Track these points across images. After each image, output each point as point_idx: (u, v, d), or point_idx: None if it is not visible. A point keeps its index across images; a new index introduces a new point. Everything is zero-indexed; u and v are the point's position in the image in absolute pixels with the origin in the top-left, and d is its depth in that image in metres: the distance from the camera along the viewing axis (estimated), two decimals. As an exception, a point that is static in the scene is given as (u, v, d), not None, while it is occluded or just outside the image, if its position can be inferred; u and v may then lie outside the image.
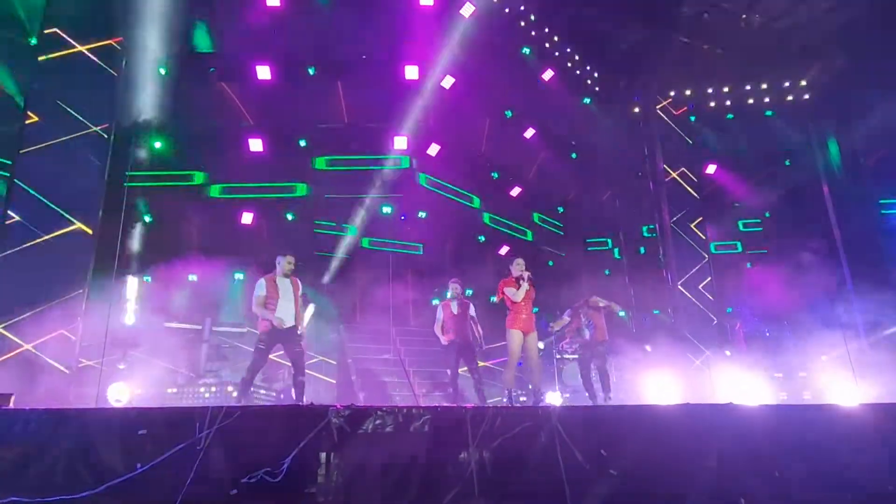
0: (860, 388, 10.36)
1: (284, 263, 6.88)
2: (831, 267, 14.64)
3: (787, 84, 16.05)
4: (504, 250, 15.29)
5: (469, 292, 14.59)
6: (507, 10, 14.11)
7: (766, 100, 16.19)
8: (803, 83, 15.98)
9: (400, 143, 13.25)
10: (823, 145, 15.74)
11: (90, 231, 9.08)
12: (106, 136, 9.56)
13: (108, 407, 7.76)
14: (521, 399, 9.64)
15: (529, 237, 15.99)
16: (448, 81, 13.14)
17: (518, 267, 7.61)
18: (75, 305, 8.64)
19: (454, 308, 8.09)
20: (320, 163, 13.45)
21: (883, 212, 14.98)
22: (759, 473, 5.38)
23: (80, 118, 9.44)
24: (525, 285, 7.49)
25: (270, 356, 11.42)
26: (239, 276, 12.63)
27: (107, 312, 8.57)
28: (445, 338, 8.00)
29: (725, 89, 16.22)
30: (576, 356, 10.07)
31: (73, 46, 9.73)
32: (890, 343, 11.53)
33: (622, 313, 15.26)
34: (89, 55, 9.79)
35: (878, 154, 15.01)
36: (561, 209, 16.97)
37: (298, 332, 6.86)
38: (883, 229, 14.79)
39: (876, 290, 13.32)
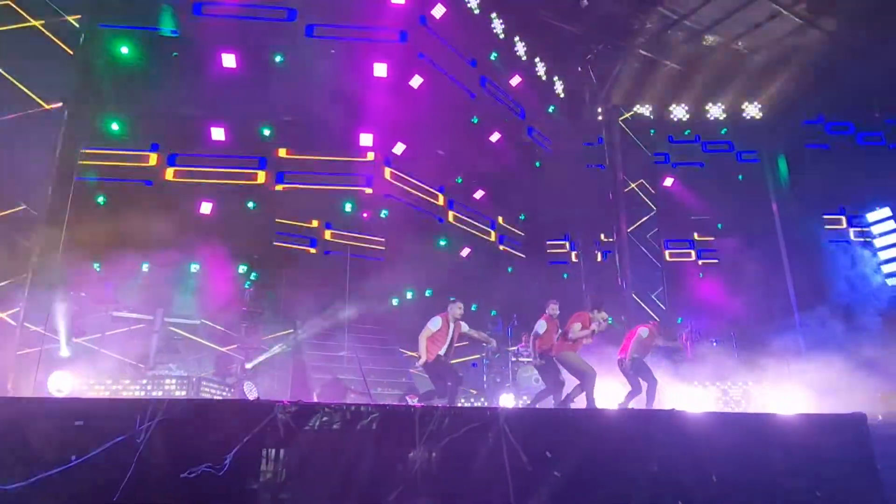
0: (797, 398, 10.82)
1: (456, 309, 7.60)
2: (777, 281, 15.26)
3: (742, 103, 16.67)
4: (465, 252, 15.38)
5: (429, 292, 14.65)
6: (476, 13, 14.23)
7: (723, 117, 16.79)
8: (757, 103, 16.62)
9: (366, 139, 13.19)
10: (773, 163, 16.40)
11: (37, 213, 8.74)
12: (59, 116, 9.22)
13: (43, 396, 7.46)
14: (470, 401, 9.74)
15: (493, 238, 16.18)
16: (416, 81, 13.15)
17: (599, 317, 8.22)
18: (18, 290, 8.31)
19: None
20: (282, 154, 13.27)
21: (829, 240, 15.72)
22: (697, 478, 5.57)
23: (33, 95, 9.08)
24: (590, 332, 8.09)
25: (223, 348, 11.34)
26: (195, 267, 12.33)
27: (51, 298, 8.26)
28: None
29: (685, 105, 16.74)
30: (529, 360, 10.14)
31: (28, 21, 9.35)
32: (826, 356, 12.08)
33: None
34: (44, 31, 9.42)
35: (823, 173, 15.70)
36: (523, 217, 17.15)
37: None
38: (825, 247, 15.51)
39: (816, 303, 13.98)
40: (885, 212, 15.15)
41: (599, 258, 16.56)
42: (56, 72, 9.42)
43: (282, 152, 13.24)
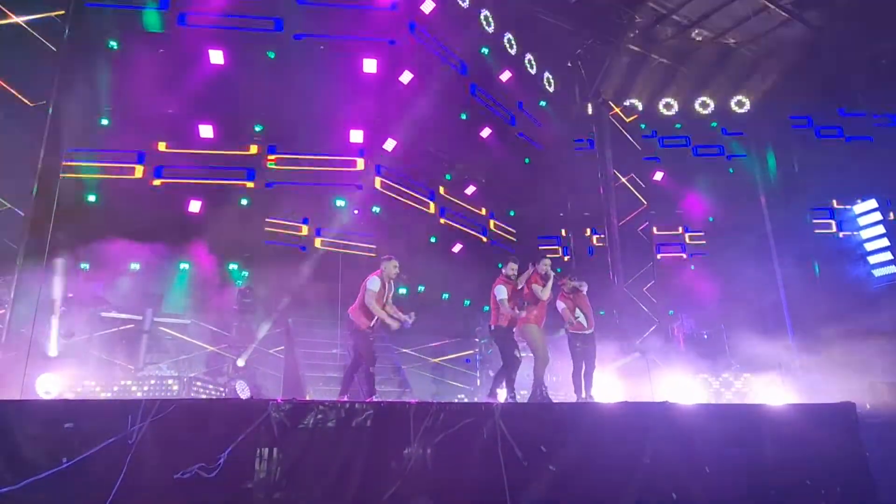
0: (787, 389, 10.96)
1: (391, 267, 7.14)
2: (766, 273, 15.38)
3: (731, 97, 16.74)
4: (457, 248, 15.34)
5: (421, 288, 14.60)
6: (465, 6, 14.17)
7: (712, 111, 16.86)
8: (746, 97, 16.70)
9: (356, 136, 13.11)
10: (762, 157, 16.50)
11: (23, 213, 8.62)
12: (43, 114, 9.07)
13: (31, 399, 7.36)
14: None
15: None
16: (406, 77, 13.09)
17: (545, 265, 7.62)
18: (4, 291, 8.19)
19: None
20: (271, 163, 13.16)
21: (816, 231, 15.88)
22: (690, 469, 5.62)
23: (16, 94, 8.94)
24: (550, 282, 7.53)
25: (213, 348, 11.24)
26: (184, 265, 12.20)
27: (37, 299, 8.13)
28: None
29: (674, 99, 16.78)
30: (524, 354, 10.10)
31: (10, 18, 9.20)
32: (814, 347, 12.23)
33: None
34: (27, 28, 9.27)
35: (810, 166, 15.86)
36: (512, 213, 17.12)
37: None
38: (813, 239, 15.66)
39: (804, 295, 14.14)
40: (871, 203, 15.31)
41: (590, 252, 16.61)
42: (40, 69, 9.27)
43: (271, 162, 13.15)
